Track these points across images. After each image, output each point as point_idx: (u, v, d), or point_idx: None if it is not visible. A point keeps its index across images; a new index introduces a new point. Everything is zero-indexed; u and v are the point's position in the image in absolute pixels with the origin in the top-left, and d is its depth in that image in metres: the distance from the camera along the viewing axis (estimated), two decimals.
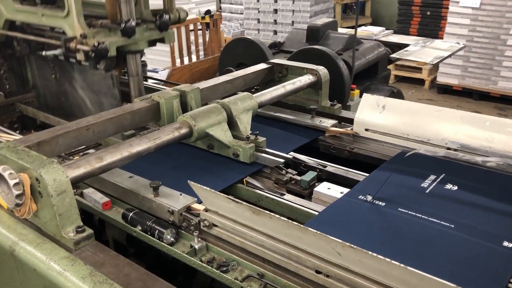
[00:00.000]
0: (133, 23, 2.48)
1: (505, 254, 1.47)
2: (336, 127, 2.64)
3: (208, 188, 1.63)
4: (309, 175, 2.10)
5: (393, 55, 7.33)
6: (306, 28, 7.31)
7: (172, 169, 2.26)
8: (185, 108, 2.48)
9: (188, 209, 1.82)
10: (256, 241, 1.56)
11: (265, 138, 2.29)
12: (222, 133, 2.26)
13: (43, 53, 2.78)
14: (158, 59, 7.76)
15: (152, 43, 2.75)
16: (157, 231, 1.77)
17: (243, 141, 2.28)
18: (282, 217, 1.41)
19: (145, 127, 2.47)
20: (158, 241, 1.76)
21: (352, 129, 2.55)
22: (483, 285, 1.24)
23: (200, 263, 1.65)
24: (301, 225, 1.38)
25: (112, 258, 1.64)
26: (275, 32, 12.45)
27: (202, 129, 2.18)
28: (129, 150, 1.94)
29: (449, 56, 7.08)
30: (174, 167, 2.28)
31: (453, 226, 1.62)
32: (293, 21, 12.54)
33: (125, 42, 2.54)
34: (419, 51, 7.33)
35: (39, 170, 1.64)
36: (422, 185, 1.93)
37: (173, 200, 1.85)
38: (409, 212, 1.72)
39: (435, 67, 9.40)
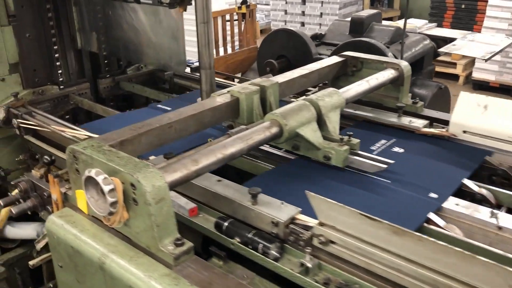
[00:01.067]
0: None
1: (428, 202, 1.81)
2: (427, 128, 2.40)
3: (332, 201, 1.42)
4: None
5: (442, 49, 7.03)
6: (348, 19, 7.05)
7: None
8: (264, 104, 2.27)
9: (293, 220, 1.61)
10: (389, 263, 1.35)
11: (359, 140, 2.08)
12: (312, 133, 2.05)
13: None
14: (192, 51, 7.57)
15: None
16: (261, 245, 1.57)
17: (335, 142, 2.06)
18: (438, 241, 1.20)
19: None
20: (262, 256, 1.57)
21: (447, 131, 2.31)
22: (403, 223, 1.40)
23: (316, 284, 1.45)
24: (467, 252, 1.16)
25: (219, 277, 1.44)
26: (303, 24, 12.17)
27: (292, 129, 1.97)
28: (223, 152, 1.74)
29: (500, 51, 6.78)
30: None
31: (389, 181, 1.96)
32: (321, 13, 12.22)
33: None
34: (467, 45, 7.02)
35: (136, 174, 1.45)
36: (371, 147, 2.24)
37: (275, 210, 1.64)
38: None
39: (470, 62, 9.04)
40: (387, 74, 2.61)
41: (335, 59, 2.84)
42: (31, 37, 2.82)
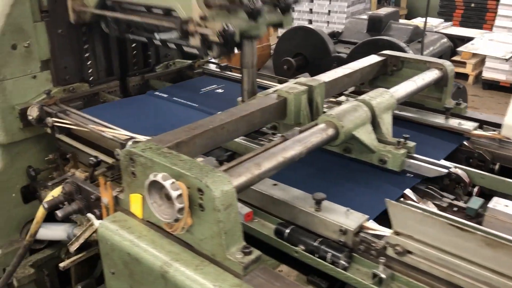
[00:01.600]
0: (260, 4, 2.17)
1: None
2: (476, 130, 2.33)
3: (417, 210, 1.35)
4: (476, 202, 1.81)
5: (461, 49, 6.98)
6: (364, 17, 6.97)
7: (308, 176, 1.99)
8: (310, 104, 2.20)
9: (361, 228, 1.55)
10: (477, 276, 1.28)
11: (415, 143, 2.00)
12: (367, 136, 1.98)
13: (156, 36, 2.47)
14: None
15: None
16: (329, 253, 1.50)
17: (390, 145, 1.99)
18: None
19: None
20: (331, 265, 1.50)
21: (499, 133, 2.24)
22: None
23: None
24: None
25: (292, 287, 1.37)
26: (310, 21, 12.08)
27: (348, 131, 1.90)
28: (284, 155, 1.66)
29: None
30: (311, 174, 2.01)
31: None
32: (329, 10, 12.12)
33: (248, 25, 2.24)
34: (486, 45, 6.97)
35: (204, 179, 1.38)
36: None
37: (342, 217, 1.57)
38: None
39: (480, 62, 8.94)
40: (432, 75, 2.53)
41: (375, 58, 2.77)
42: (63, 33, 2.73)
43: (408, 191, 1.82)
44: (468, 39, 7.40)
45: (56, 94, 2.75)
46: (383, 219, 1.57)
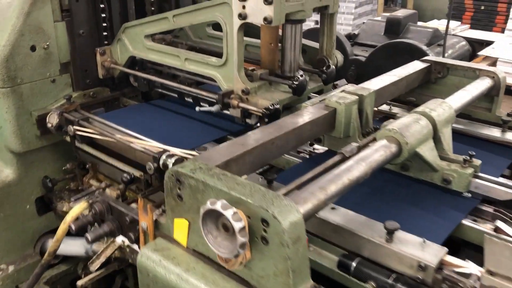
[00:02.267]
0: (304, 78, 2.08)
1: None
2: None
3: None
4: None
5: (482, 53, 6.78)
6: (380, 19, 6.78)
7: (363, 197, 1.80)
8: (360, 116, 2.01)
9: (442, 263, 1.35)
10: None
11: (480, 161, 1.81)
12: (430, 153, 1.79)
13: (197, 109, 2.43)
14: None
15: None
16: None
17: (454, 163, 1.80)
18: None
19: None
20: None
21: None
22: None
23: None
24: None
25: None
26: (317, 22, 11.90)
27: (412, 148, 1.71)
28: (349, 177, 1.47)
29: None
30: (365, 194, 1.82)
31: None
32: None
33: (291, 100, 2.17)
34: (508, 49, 6.77)
35: (270, 208, 1.18)
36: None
37: (417, 249, 1.38)
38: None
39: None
40: (484, 84, 2.34)
41: (419, 64, 2.58)
42: (85, 34, 2.54)
43: (500, 224, 1.61)
44: (487, 43, 7.20)
45: (76, 99, 2.56)
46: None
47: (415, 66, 2.56)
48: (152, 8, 2.87)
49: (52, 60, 2.47)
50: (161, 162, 1.91)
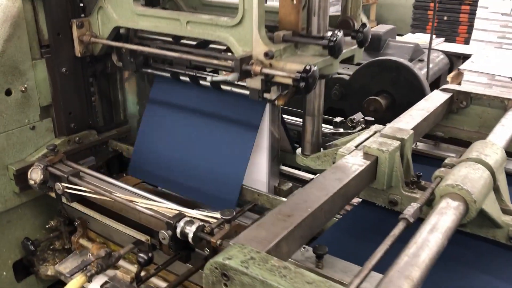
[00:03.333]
0: (341, 35, 1.73)
1: None
2: None
3: None
4: None
5: (464, 67, 6.74)
6: None
7: None
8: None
9: None
10: None
11: None
12: (493, 207, 1.56)
13: (209, 79, 1.98)
14: None
15: None
16: None
17: None
18: None
19: None
20: None
21: None
22: None
23: None
24: None
25: None
26: None
27: (480, 206, 1.47)
28: (429, 255, 1.21)
29: None
30: None
31: None
32: None
33: (326, 63, 1.80)
34: (487, 62, 6.77)
35: None
36: None
37: None
38: None
39: (457, 75, 8.74)
40: None
41: (441, 94, 2.37)
42: (68, 73, 2.20)
43: None
44: (464, 56, 7.20)
45: (60, 147, 2.21)
46: None
47: (439, 97, 2.35)
48: None
49: (31, 104, 2.12)
50: (178, 230, 1.61)
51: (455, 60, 7.36)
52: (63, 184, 1.95)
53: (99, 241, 2.22)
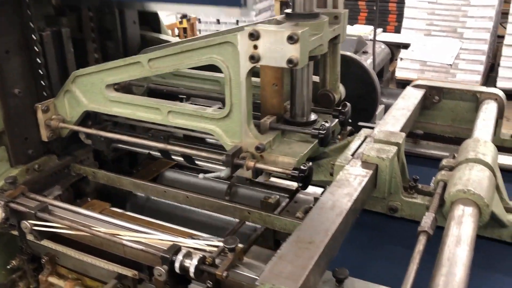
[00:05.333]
0: (329, 125, 1.74)
1: None
2: None
3: None
4: None
5: (405, 56, 6.92)
6: None
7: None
8: None
9: None
10: None
11: None
12: (498, 207, 1.55)
13: (201, 176, 1.92)
14: None
15: None
16: None
17: None
18: None
19: None
20: None
21: None
22: None
23: None
24: None
25: None
26: None
27: (491, 209, 1.44)
28: (464, 268, 1.15)
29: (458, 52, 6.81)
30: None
31: None
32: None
33: (315, 149, 1.80)
34: (425, 51, 7.00)
35: None
36: None
37: None
38: None
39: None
40: (493, 108, 2.18)
41: (416, 92, 2.36)
42: (21, 94, 1.95)
43: None
44: (403, 45, 7.42)
45: (19, 177, 1.97)
46: None
47: (413, 94, 2.33)
48: (96, 56, 2.32)
49: None
50: (177, 264, 1.45)
51: (395, 49, 7.59)
52: (30, 221, 1.72)
53: (72, 277, 2.00)
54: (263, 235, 1.91)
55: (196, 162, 2.05)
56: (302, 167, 1.61)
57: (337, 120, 1.99)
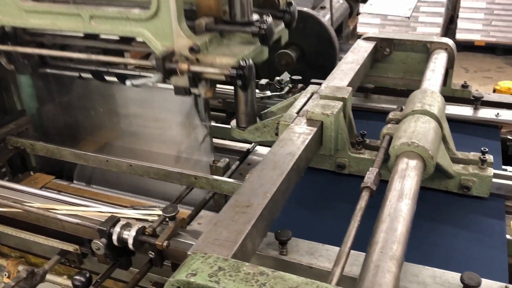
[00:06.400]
0: (271, 21, 1.55)
1: None
2: None
3: None
4: None
5: (364, 11, 6.81)
6: None
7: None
8: None
9: None
10: None
11: (492, 156, 1.60)
12: (444, 158, 1.52)
13: (130, 82, 1.69)
14: None
15: None
16: None
17: (469, 164, 1.56)
18: None
19: None
20: None
21: None
22: None
23: None
24: None
25: None
26: None
27: (435, 161, 1.41)
28: (405, 225, 1.12)
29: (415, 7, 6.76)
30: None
31: None
32: None
33: (258, 51, 1.62)
34: (383, 4, 6.91)
35: None
36: None
37: None
38: None
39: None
40: (443, 57, 2.14)
41: (366, 45, 2.29)
42: None
43: None
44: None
45: None
46: None
47: (364, 47, 2.27)
48: None
49: None
50: (114, 236, 1.38)
51: (354, 4, 7.48)
52: None
53: (16, 255, 1.91)
54: (215, 200, 1.85)
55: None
56: (241, 63, 1.46)
57: (283, 24, 1.81)
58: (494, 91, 4.49)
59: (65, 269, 1.85)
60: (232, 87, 2.00)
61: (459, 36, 7.87)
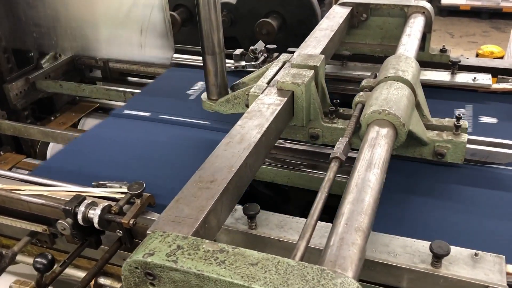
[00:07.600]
0: None
1: None
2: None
3: None
4: None
5: None
6: None
7: None
8: None
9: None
10: None
11: (467, 121, 1.56)
12: (418, 125, 1.49)
13: None
14: None
15: None
16: None
17: (444, 131, 1.53)
18: None
19: None
20: None
21: None
22: None
23: None
24: None
25: None
26: None
27: (408, 128, 1.38)
28: (373, 196, 1.09)
29: None
30: None
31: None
32: None
33: None
34: None
35: None
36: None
37: (473, 268, 1.09)
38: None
39: None
40: (420, 22, 2.08)
41: (342, 10, 2.23)
42: None
43: None
44: None
45: None
46: None
47: (339, 12, 2.20)
48: None
49: None
50: (79, 216, 1.34)
51: None
52: None
53: None
54: None
55: None
56: None
57: None
58: (477, 55, 4.47)
59: (38, 250, 1.82)
60: None
61: (445, 0, 7.77)
